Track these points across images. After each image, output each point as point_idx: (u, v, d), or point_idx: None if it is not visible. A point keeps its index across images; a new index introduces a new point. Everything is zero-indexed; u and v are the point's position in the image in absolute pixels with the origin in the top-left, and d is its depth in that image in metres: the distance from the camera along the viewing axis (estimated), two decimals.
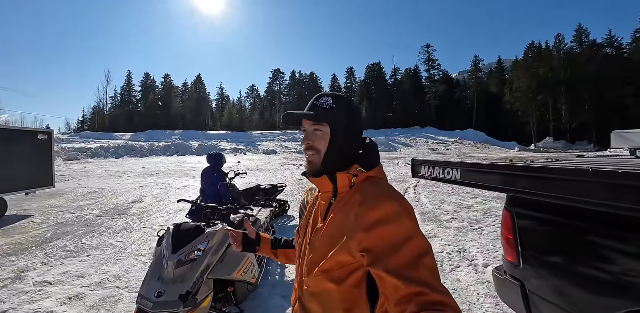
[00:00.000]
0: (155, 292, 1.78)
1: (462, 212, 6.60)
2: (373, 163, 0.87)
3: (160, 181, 11.97)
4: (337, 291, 0.79)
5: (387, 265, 0.68)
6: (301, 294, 0.89)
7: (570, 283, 1.49)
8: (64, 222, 5.98)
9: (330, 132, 0.86)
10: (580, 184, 1.19)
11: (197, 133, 47.89)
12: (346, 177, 0.84)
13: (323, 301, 0.82)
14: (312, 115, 0.86)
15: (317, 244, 0.85)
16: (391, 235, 0.71)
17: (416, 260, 0.67)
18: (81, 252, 4.28)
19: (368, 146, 0.91)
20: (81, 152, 25.84)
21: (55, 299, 2.95)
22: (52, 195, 8.77)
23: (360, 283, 0.78)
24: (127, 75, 66.05)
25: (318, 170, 0.87)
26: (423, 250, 0.69)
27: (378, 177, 0.87)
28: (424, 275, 0.65)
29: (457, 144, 40.87)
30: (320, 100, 0.88)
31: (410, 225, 0.73)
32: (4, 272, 3.61)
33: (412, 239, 0.70)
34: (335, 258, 0.78)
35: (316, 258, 0.83)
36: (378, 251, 0.70)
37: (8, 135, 6.71)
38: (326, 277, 0.80)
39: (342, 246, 0.77)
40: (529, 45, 53.79)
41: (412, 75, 63.51)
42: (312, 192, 1.05)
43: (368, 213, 0.75)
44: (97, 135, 42.72)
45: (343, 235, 0.78)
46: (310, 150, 0.87)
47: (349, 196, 0.84)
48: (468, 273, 3.57)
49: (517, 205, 1.78)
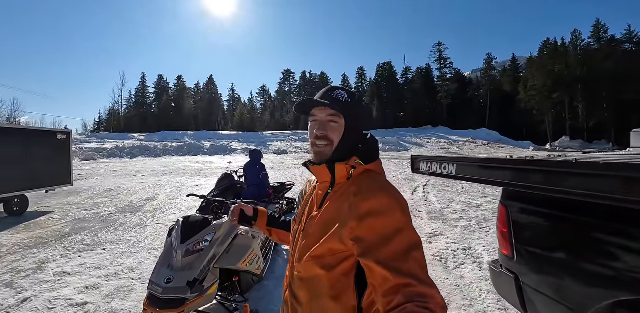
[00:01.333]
0: (165, 278, 1.90)
1: (470, 211, 6.57)
2: (372, 158, 0.89)
3: (173, 180, 12.27)
4: (325, 278, 0.80)
5: (377, 256, 0.69)
6: (292, 280, 0.91)
7: (560, 275, 1.52)
8: (82, 218, 6.24)
9: (344, 125, 0.87)
10: (564, 175, 1.23)
11: (209, 133, 48.65)
12: (344, 168, 0.86)
13: (311, 287, 0.84)
14: (333, 105, 0.84)
15: (310, 231, 0.87)
16: (383, 226, 0.73)
17: (406, 253, 0.69)
18: (97, 246, 4.48)
19: (369, 141, 0.93)
20: (97, 152, 26.63)
21: (74, 288, 3.13)
22: (71, 193, 9.12)
23: (349, 272, 0.80)
24: (141, 77, 67.64)
25: (325, 161, 0.87)
26: (413, 244, 0.71)
27: (375, 171, 0.89)
28: (413, 268, 0.67)
29: (470, 144, 40.26)
30: (335, 92, 0.88)
31: (402, 218, 0.75)
32: (26, 263, 3.83)
33: (403, 232, 0.72)
34: (327, 245, 0.80)
35: (308, 244, 0.85)
36: (369, 241, 0.72)
37: (29, 135, 7.05)
38: (316, 263, 0.81)
39: (334, 233, 0.79)
40: (544, 42, 52.49)
41: (423, 74, 62.82)
42: (310, 183, 1.08)
43: (362, 203, 0.77)
44: (112, 135, 43.91)
45: (336, 223, 0.80)
46: (323, 140, 0.86)
47: (346, 187, 0.85)
48: (472, 270, 3.59)
49: (511, 199, 1.82)
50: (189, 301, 1.84)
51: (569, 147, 36.76)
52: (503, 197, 1.89)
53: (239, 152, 32.63)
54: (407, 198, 8.04)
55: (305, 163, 0.94)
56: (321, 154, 0.88)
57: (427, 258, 3.91)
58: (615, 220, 1.29)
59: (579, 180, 1.17)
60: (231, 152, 32.60)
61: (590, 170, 1.14)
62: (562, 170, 1.24)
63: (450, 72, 62.96)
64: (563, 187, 1.23)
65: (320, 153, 0.88)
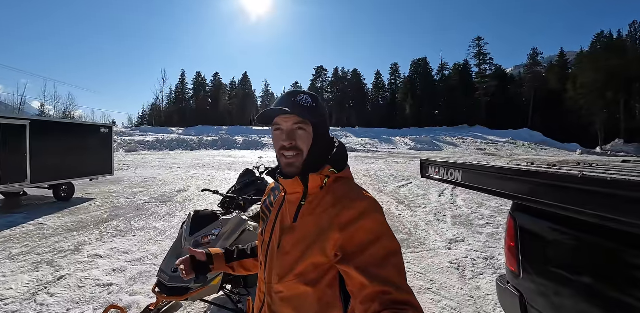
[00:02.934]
0: (172, 267, 2.03)
1: (499, 217, 6.24)
2: (343, 164, 0.87)
3: (205, 173, 12.85)
4: (312, 293, 0.79)
5: (356, 261, 0.69)
6: (270, 300, 0.85)
7: (569, 298, 1.41)
8: (119, 205, 6.75)
9: (312, 132, 0.83)
10: (567, 191, 1.13)
11: (242, 128, 50.11)
12: (318, 178, 0.82)
13: (297, 305, 0.81)
14: (299, 112, 0.79)
15: (288, 248, 0.82)
16: (365, 233, 0.73)
17: (384, 259, 0.68)
18: (129, 232, 4.84)
19: (338, 147, 0.90)
20: (140, 145, 28.52)
21: (103, 270, 3.43)
22: (113, 182, 9.88)
23: (333, 283, 0.79)
24: (181, 74, 71.08)
25: (297, 173, 0.83)
26: (392, 250, 0.71)
27: (347, 177, 0.88)
28: (391, 274, 0.66)
29: (509, 145, 37.96)
30: (298, 98, 0.83)
31: (382, 225, 0.75)
32: (67, 244, 4.24)
33: (382, 238, 0.72)
34: (309, 261, 0.78)
35: (289, 262, 0.81)
36: (349, 249, 0.72)
37: (75, 128, 7.78)
38: (300, 281, 0.79)
39: (317, 248, 0.77)
40: (597, 35, 48.10)
41: (460, 70, 59.86)
42: (273, 192, 1.00)
43: (342, 213, 0.76)
44: (154, 129, 46.66)
45: (317, 237, 0.77)
46: (292, 150, 0.81)
47: (320, 197, 0.82)
48: (490, 282, 3.41)
49: (519, 210, 1.71)
50: (192, 290, 1.96)
51: (622, 151, 33.44)
52: (512, 208, 1.79)
53: (270, 148, 33.35)
54: (433, 200, 7.81)
55: (271, 173, 0.90)
56: (291, 165, 0.83)
57: (444, 266, 3.82)
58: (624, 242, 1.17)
59: (583, 198, 1.07)
60: (262, 147, 33.43)
61: (595, 187, 1.04)
62: (566, 185, 1.14)
63: (490, 68, 59.42)
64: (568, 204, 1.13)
65: (291, 164, 0.83)
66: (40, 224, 5.20)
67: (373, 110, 64.73)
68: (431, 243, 4.62)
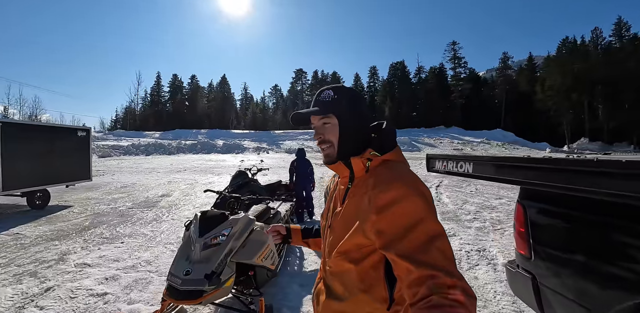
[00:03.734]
0: (184, 270, 1.96)
1: (484, 212, 6.48)
2: (388, 147, 0.87)
3: (187, 177, 12.50)
4: (355, 271, 0.82)
5: (398, 248, 0.69)
6: (324, 274, 0.95)
7: (580, 275, 1.50)
8: (100, 212, 6.43)
9: (338, 122, 0.87)
10: (586, 174, 1.21)
11: (221, 132, 49.28)
12: (360, 162, 0.85)
13: (343, 280, 0.86)
14: (316, 110, 0.88)
15: (335, 227, 0.89)
16: (401, 217, 0.72)
17: (427, 243, 0.67)
18: (116, 239, 4.61)
19: (383, 130, 0.91)
20: (114, 149, 27.36)
21: (94, 279, 3.24)
22: (89, 188, 9.41)
23: (377, 265, 0.81)
24: (157, 76, 69.07)
25: (334, 161, 0.89)
26: (435, 233, 0.69)
27: (394, 159, 0.87)
28: (436, 259, 0.65)
29: (484, 144, 39.52)
30: (321, 95, 0.91)
31: (422, 208, 0.73)
32: (49, 254, 3.98)
33: (424, 222, 0.70)
34: (352, 240, 0.81)
35: (335, 240, 0.88)
36: (389, 234, 0.71)
37: (51, 132, 7.32)
38: (344, 258, 0.84)
39: (357, 228, 0.80)
40: (562, 40, 51.09)
41: (436, 74, 61.87)
42: (334, 178, 1.09)
43: (379, 195, 0.76)
44: (128, 133, 44.95)
45: (357, 218, 0.80)
46: (324, 143, 0.89)
47: (364, 180, 0.85)
48: (486, 272, 3.54)
49: (529, 198, 1.79)
50: (206, 293, 1.90)
51: (587, 149, 35.69)
52: (520, 196, 1.87)
53: (250, 151, 32.98)
54: None
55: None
56: (328, 156, 0.91)
57: None
58: (635, 220, 1.26)
59: (601, 179, 1.15)
60: (243, 151, 32.96)
61: (612, 169, 1.13)
62: (583, 169, 1.22)
63: (465, 71, 61.83)
64: (584, 186, 1.22)
65: (327, 155, 0.91)
66: (15, 234, 4.86)
67: None
68: None
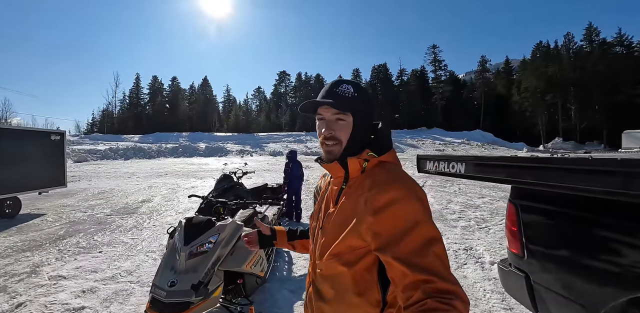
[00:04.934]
0: (169, 281, 1.85)
1: (468, 212, 6.59)
2: (385, 148, 0.86)
3: (169, 181, 12.14)
4: (348, 274, 0.79)
5: (394, 251, 0.67)
6: (314, 277, 0.90)
7: (573, 273, 1.51)
8: (76, 220, 6.12)
9: (352, 122, 0.83)
10: (580, 172, 1.22)
11: (204, 135, 48.32)
12: (357, 162, 0.83)
13: (335, 284, 0.83)
14: (337, 104, 0.81)
15: (328, 228, 0.86)
16: (399, 220, 0.70)
17: (424, 247, 0.66)
18: (93, 249, 4.38)
19: (380, 131, 0.89)
20: (91, 154, 26.28)
21: (70, 292, 3.04)
22: (64, 195, 8.96)
23: (371, 268, 0.79)
24: (136, 78, 66.92)
25: (334, 160, 0.85)
26: (432, 237, 0.68)
27: (390, 161, 0.86)
28: (432, 263, 0.64)
29: (464, 145, 40.55)
30: (340, 88, 0.84)
31: (419, 211, 0.72)
32: (20, 266, 3.73)
33: (421, 225, 0.69)
34: (346, 242, 0.79)
35: (327, 242, 0.84)
36: (386, 236, 0.70)
37: (22, 135, 6.90)
38: (337, 260, 0.81)
39: (352, 230, 0.77)
40: (536, 45, 53.29)
41: (418, 76, 63.14)
42: (325, 177, 1.04)
43: (377, 197, 0.74)
44: (106, 137, 43.38)
45: (353, 219, 0.78)
46: (332, 139, 0.84)
47: (360, 181, 0.83)
48: (475, 270, 3.58)
49: (521, 197, 1.80)
50: (193, 304, 1.79)
51: (561, 148, 37.23)
52: (512, 195, 1.88)
53: (234, 154, 32.46)
54: None
55: (318, 159, 0.92)
56: (331, 153, 0.86)
57: None
58: (629, 217, 1.27)
59: (595, 177, 1.16)
60: (226, 154, 32.40)
61: (607, 167, 1.13)
62: (578, 167, 1.23)
63: (445, 74, 63.45)
64: (578, 184, 1.22)
65: (330, 152, 0.86)
66: None
67: None
68: None
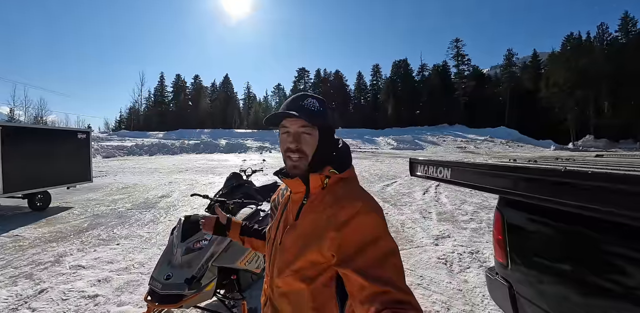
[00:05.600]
0: (165, 275, 1.99)
1: (482, 213, 6.44)
2: (345, 165, 0.89)
3: (188, 177, 12.58)
4: (307, 290, 0.80)
5: (354, 264, 0.70)
6: (271, 294, 0.90)
7: (556, 286, 1.47)
8: (99, 213, 6.51)
9: (318, 136, 0.85)
10: (550, 184, 1.20)
11: (224, 131, 49.46)
12: (319, 178, 0.84)
13: (293, 300, 0.83)
14: (306, 116, 0.81)
15: (288, 244, 0.85)
16: (361, 234, 0.73)
17: (383, 259, 0.69)
18: (112, 241, 4.67)
19: (341, 148, 0.92)
20: (118, 150, 27.57)
21: (87, 281, 3.30)
22: (91, 189, 9.51)
23: (329, 283, 0.81)
24: (160, 76, 69.31)
25: (300, 174, 0.86)
26: (390, 250, 0.72)
27: (349, 178, 0.89)
28: (390, 275, 0.67)
29: (488, 142, 39.22)
30: (306, 101, 0.86)
31: (379, 225, 0.76)
32: (45, 256, 4.05)
33: (380, 239, 0.73)
34: (307, 258, 0.80)
35: (287, 258, 0.84)
36: (347, 249, 0.72)
37: (52, 134, 7.43)
38: (297, 277, 0.81)
39: (314, 246, 0.78)
40: (567, 37, 50.40)
41: (440, 71, 61.48)
42: (282, 192, 1.05)
43: (340, 212, 0.77)
44: (132, 133, 45.24)
45: (315, 235, 0.79)
46: (297, 152, 0.84)
47: (321, 197, 0.84)
48: (477, 275, 3.52)
49: (506, 205, 1.79)
50: (186, 297, 1.92)
51: (593, 146, 35.23)
52: (499, 203, 1.86)
53: (253, 150, 33.04)
54: (418, 198, 7.98)
55: (277, 173, 0.93)
56: (296, 167, 0.86)
57: (432, 261, 3.91)
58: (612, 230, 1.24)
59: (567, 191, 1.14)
60: (246, 150, 33.05)
61: (577, 180, 1.11)
62: (549, 179, 1.21)
63: (468, 69, 61.43)
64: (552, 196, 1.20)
65: (295, 167, 0.86)
66: (15, 236, 4.95)
67: (355, 111, 65.31)
68: (419, 240, 4.71)
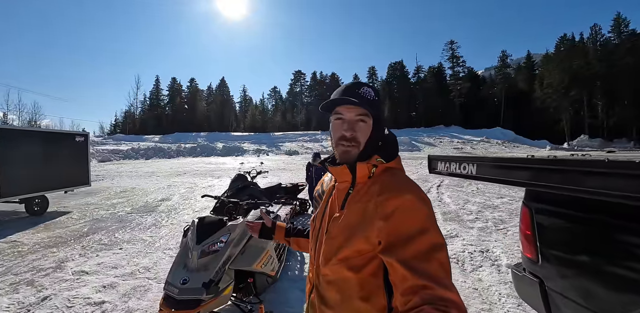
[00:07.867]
0: (181, 279, 1.91)
1: (486, 212, 6.42)
2: (392, 155, 0.87)
3: (187, 181, 12.44)
4: (354, 279, 0.80)
5: (399, 254, 0.68)
6: (317, 283, 0.90)
7: (590, 280, 1.44)
8: (99, 218, 6.38)
9: (372, 124, 0.85)
10: (596, 175, 1.16)
11: (221, 134, 49.33)
12: (366, 167, 0.83)
13: (340, 289, 0.83)
14: (365, 104, 0.81)
15: (334, 233, 0.85)
16: (408, 224, 0.72)
17: (428, 253, 0.67)
18: (114, 245, 4.56)
19: (388, 137, 0.91)
20: (114, 154, 27.29)
21: (92, 287, 3.18)
22: (88, 193, 9.35)
23: (377, 272, 0.79)
24: (155, 79, 69.11)
25: (350, 162, 0.84)
26: (437, 244, 0.69)
27: (396, 167, 0.88)
28: (434, 269, 0.65)
29: (484, 143, 39.49)
30: (362, 90, 0.85)
31: (427, 217, 0.74)
32: (46, 261, 3.93)
33: (428, 231, 0.71)
34: (354, 247, 0.79)
35: (334, 247, 0.84)
36: (394, 239, 0.71)
37: (49, 137, 7.26)
38: (344, 265, 0.81)
39: (361, 234, 0.78)
40: (560, 38, 51.08)
41: (435, 73, 61.96)
42: (325, 181, 1.04)
43: (387, 202, 0.76)
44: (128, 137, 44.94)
45: (362, 224, 0.79)
46: (352, 140, 0.83)
47: (367, 186, 0.83)
48: (490, 273, 3.48)
49: (536, 200, 1.74)
50: (204, 302, 1.84)
51: (587, 145, 35.61)
52: (526, 198, 1.81)
53: (250, 153, 32.93)
54: None
55: (323, 162, 0.91)
56: (347, 154, 0.85)
57: None
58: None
59: (613, 181, 1.10)
60: (243, 153, 32.91)
61: (625, 169, 1.07)
62: (593, 170, 1.17)
63: (463, 70, 62.01)
64: (595, 187, 1.16)
65: (347, 153, 0.85)
66: (13, 241, 4.81)
67: None
68: None
